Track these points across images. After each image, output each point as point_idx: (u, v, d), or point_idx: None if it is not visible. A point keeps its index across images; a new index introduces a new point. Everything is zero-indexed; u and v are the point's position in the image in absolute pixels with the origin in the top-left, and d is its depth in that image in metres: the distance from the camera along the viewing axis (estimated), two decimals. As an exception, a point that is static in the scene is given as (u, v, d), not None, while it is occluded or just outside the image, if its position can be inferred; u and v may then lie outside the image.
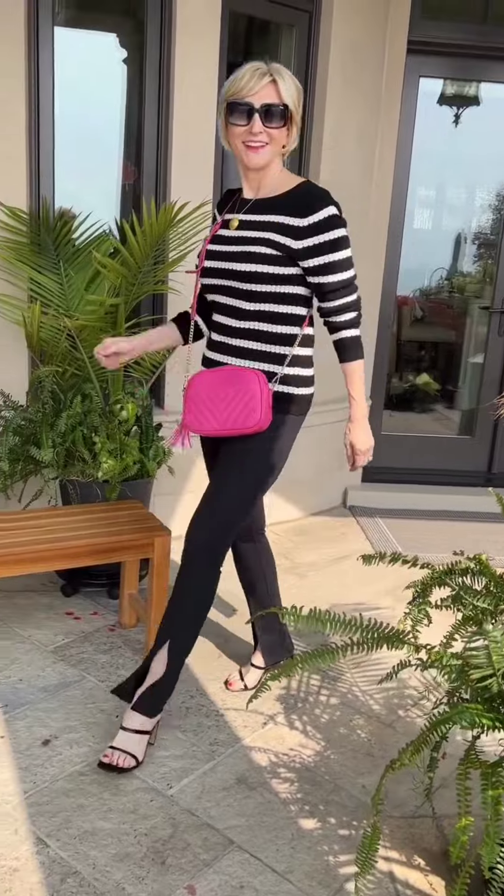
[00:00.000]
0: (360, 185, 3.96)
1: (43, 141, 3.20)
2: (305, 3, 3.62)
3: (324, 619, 1.63)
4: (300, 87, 2.03)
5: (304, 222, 2.01)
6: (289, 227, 2.02)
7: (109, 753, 2.08)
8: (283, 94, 1.96)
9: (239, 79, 1.96)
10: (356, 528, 4.04)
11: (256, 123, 1.96)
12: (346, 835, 1.94)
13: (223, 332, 2.14)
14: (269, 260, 2.02)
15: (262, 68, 1.96)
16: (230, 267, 2.05)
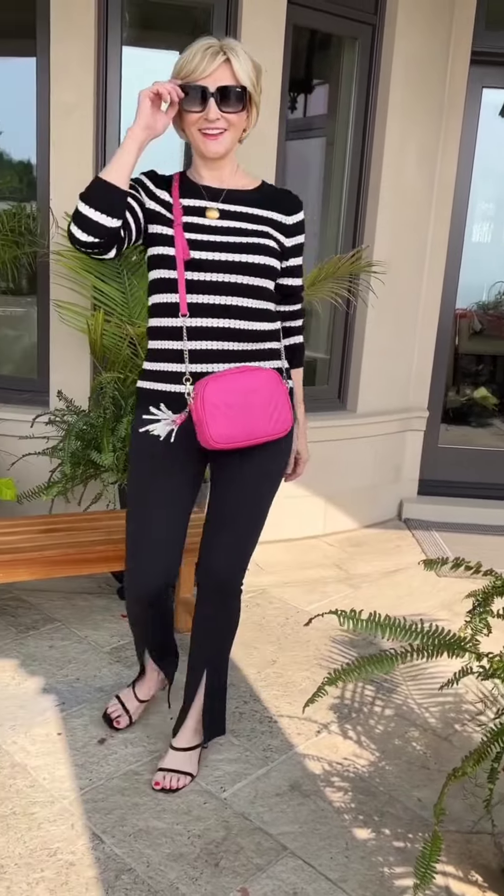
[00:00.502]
0: (420, 198, 3.95)
1: (109, 151, 3.29)
2: (369, 15, 3.64)
3: (383, 624, 1.62)
4: (258, 64, 1.81)
5: (290, 220, 1.92)
6: (280, 223, 1.91)
7: (160, 779, 2.03)
8: (239, 74, 1.74)
9: (189, 59, 1.73)
10: (411, 540, 3.99)
11: (212, 109, 1.74)
12: (401, 847, 1.91)
13: (206, 336, 1.85)
14: (273, 253, 1.88)
15: (215, 46, 1.73)
16: (232, 258, 1.82)
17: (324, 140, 3.95)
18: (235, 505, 1.95)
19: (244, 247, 1.84)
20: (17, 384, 3.53)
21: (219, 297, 1.83)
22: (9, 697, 2.40)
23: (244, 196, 1.90)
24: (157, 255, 1.85)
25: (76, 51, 3.11)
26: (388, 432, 4.10)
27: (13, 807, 1.95)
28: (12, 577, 2.38)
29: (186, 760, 2.08)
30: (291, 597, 3.25)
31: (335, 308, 3.88)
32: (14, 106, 3.40)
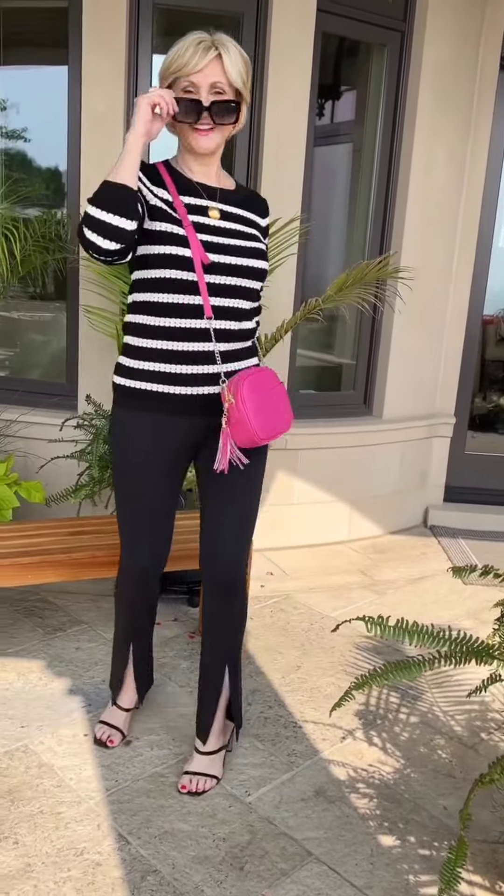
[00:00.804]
0: (448, 204, 3.94)
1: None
2: (398, 22, 3.65)
3: (411, 630, 1.61)
4: (247, 58, 1.80)
5: (264, 222, 1.98)
6: (259, 226, 1.96)
7: (187, 782, 2.05)
8: (229, 71, 1.74)
9: (181, 53, 1.72)
10: (437, 548, 3.97)
11: (205, 120, 1.77)
12: (426, 855, 1.90)
13: (228, 339, 1.88)
14: (264, 256, 1.93)
15: (207, 41, 1.73)
16: (247, 264, 1.85)
17: (351, 146, 3.95)
18: (237, 502, 1.97)
19: (247, 251, 1.87)
20: (47, 388, 3.57)
21: (230, 300, 1.85)
22: (36, 698, 2.42)
23: (232, 196, 1.92)
24: (165, 255, 1.78)
25: (108, 60, 3.15)
26: (415, 438, 4.09)
27: (41, 806, 1.97)
28: (40, 579, 2.40)
29: (213, 763, 2.09)
30: (316, 602, 3.25)
31: (361, 313, 3.88)
32: (45, 114, 3.45)
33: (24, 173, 3.51)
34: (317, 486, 3.79)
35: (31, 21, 3.49)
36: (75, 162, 3.31)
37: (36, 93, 3.49)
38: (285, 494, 3.73)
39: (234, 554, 1.99)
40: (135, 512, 2.00)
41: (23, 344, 3.76)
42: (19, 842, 1.84)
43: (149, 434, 1.90)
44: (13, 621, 2.91)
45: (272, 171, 3.40)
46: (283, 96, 3.34)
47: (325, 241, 3.95)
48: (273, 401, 1.86)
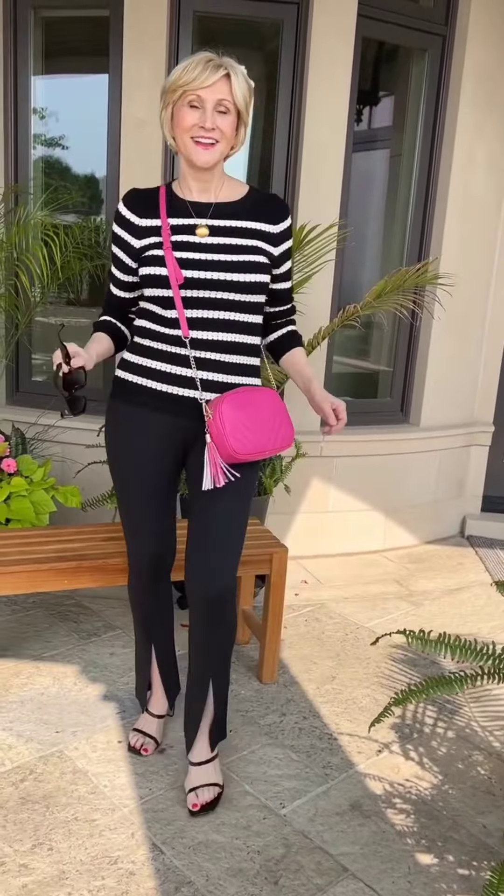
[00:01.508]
0: (489, 210, 3.89)
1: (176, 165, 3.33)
2: (439, 26, 3.61)
3: (453, 645, 1.58)
4: (252, 86, 1.86)
5: (277, 229, 1.92)
6: (267, 233, 1.91)
7: (194, 799, 1.99)
8: (235, 91, 1.79)
9: (191, 69, 1.77)
10: (474, 558, 3.91)
11: (209, 118, 1.78)
12: (465, 874, 1.86)
13: (201, 347, 1.89)
14: (265, 269, 1.89)
15: (216, 60, 1.78)
16: (226, 278, 1.85)
17: (388, 152, 3.92)
18: (224, 513, 1.95)
19: (234, 265, 1.85)
20: (84, 393, 3.58)
21: (213, 312, 1.87)
22: (71, 703, 2.43)
23: (231, 208, 1.91)
24: (148, 275, 1.87)
25: (148, 67, 3.17)
26: (452, 447, 4.03)
27: (75, 813, 1.96)
28: (76, 584, 2.41)
29: (211, 772, 2.04)
30: (351, 612, 3.22)
31: (399, 321, 3.84)
32: (84, 122, 3.48)
33: (63, 180, 3.55)
34: (352, 494, 3.76)
35: (72, 30, 3.53)
36: (114, 168, 3.34)
37: (75, 101, 3.52)
38: (320, 502, 3.70)
39: (218, 567, 1.94)
40: (129, 511, 2.05)
41: (60, 349, 3.78)
42: (54, 848, 1.84)
43: (139, 427, 1.98)
44: (49, 625, 2.92)
45: (310, 178, 3.39)
46: (323, 102, 3.33)
47: (363, 247, 3.92)
48: (261, 418, 1.87)
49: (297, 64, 3.33)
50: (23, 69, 3.37)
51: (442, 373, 3.94)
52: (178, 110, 1.81)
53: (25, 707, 2.39)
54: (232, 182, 1.96)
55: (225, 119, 1.81)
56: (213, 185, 1.91)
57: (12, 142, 3.41)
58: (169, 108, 1.84)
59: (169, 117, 1.85)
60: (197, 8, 3.23)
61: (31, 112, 3.44)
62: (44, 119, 3.50)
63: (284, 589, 2.57)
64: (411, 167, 3.80)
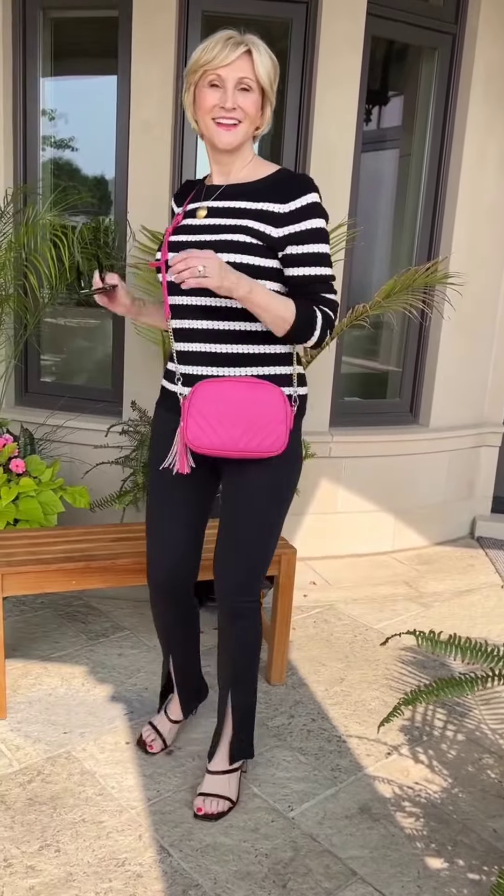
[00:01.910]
0: (501, 208, 3.86)
1: (185, 166, 3.33)
2: (449, 25, 3.59)
3: (463, 646, 1.56)
4: (276, 62, 1.78)
5: (285, 208, 1.73)
6: (269, 213, 1.74)
7: (201, 803, 1.97)
8: (258, 68, 1.72)
9: (210, 48, 1.70)
10: (484, 559, 3.88)
11: (230, 98, 1.70)
12: (475, 879, 1.84)
13: (192, 338, 1.80)
14: (248, 249, 1.72)
15: (237, 37, 1.71)
16: None
17: (398, 151, 3.90)
18: (235, 523, 1.88)
19: (211, 245, 1.72)
20: (92, 394, 3.59)
21: (196, 298, 1.77)
22: (79, 704, 2.42)
23: (240, 189, 1.80)
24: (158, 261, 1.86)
25: (157, 68, 3.16)
26: (462, 447, 4.01)
27: (83, 814, 1.96)
28: (84, 585, 2.40)
29: (224, 784, 2.01)
30: (360, 614, 3.20)
31: (408, 320, 3.82)
32: (93, 123, 3.48)
33: (72, 181, 3.55)
34: (361, 495, 3.74)
35: (81, 32, 3.53)
36: (123, 168, 3.33)
37: (84, 103, 3.52)
38: (329, 503, 3.68)
39: (233, 581, 1.90)
40: (149, 517, 2.00)
41: (70, 350, 3.79)
42: (61, 850, 1.83)
43: (154, 428, 1.98)
44: (57, 626, 2.92)
45: (319, 178, 3.32)
46: (332, 101, 3.31)
47: (372, 247, 3.90)
48: (237, 416, 1.74)
49: (306, 63, 3.31)
50: (32, 71, 3.38)
51: (451, 373, 3.91)
52: (199, 91, 1.75)
53: (33, 708, 2.39)
54: (259, 164, 1.84)
55: (247, 97, 1.73)
56: (234, 167, 1.82)
57: (21, 143, 3.41)
58: (191, 91, 1.77)
59: (191, 100, 1.78)
60: (206, 8, 3.23)
61: (40, 113, 3.44)
62: (53, 120, 3.50)
63: (293, 590, 2.56)
64: (421, 167, 3.78)
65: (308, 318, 1.72)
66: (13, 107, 3.38)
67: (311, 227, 1.75)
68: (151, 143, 3.23)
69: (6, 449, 2.99)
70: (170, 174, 3.27)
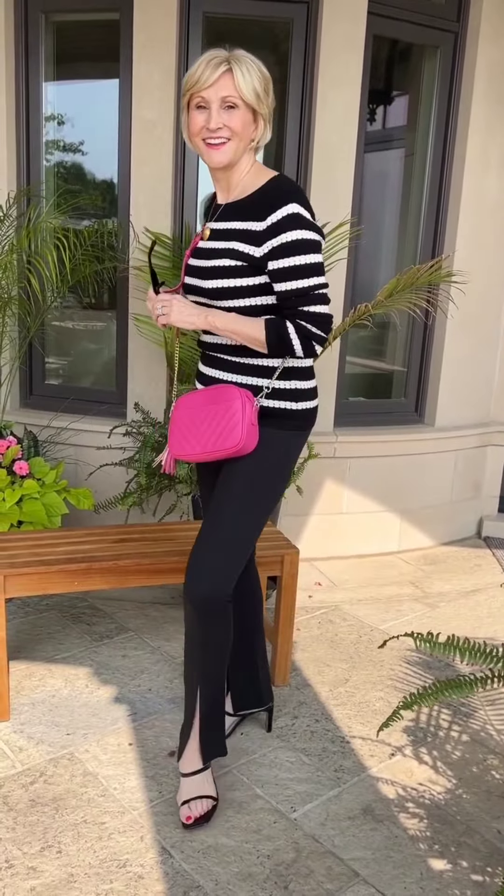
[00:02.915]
0: (502, 208, 3.84)
1: (188, 165, 3.33)
2: (451, 23, 3.58)
3: (462, 647, 1.55)
4: (266, 74, 1.78)
5: (262, 225, 1.75)
6: (250, 232, 1.77)
7: (188, 811, 1.92)
8: (240, 85, 1.73)
9: (194, 71, 1.75)
10: (491, 559, 3.86)
11: (213, 118, 1.74)
12: (479, 881, 1.83)
13: (209, 348, 1.96)
14: (231, 273, 1.78)
15: (220, 57, 1.73)
16: (199, 284, 1.86)
17: (402, 151, 3.89)
18: (208, 516, 1.93)
19: (203, 271, 1.85)
20: (96, 396, 3.60)
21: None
22: (82, 705, 2.42)
23: (236, 207, 1.84)
24: None
25: (158, 69, 3.17)
26: (468, 447, 3.99)
27: (84, 815, 1.95)
28: (87, 586, 2.40)
29: (202, 784, 1.97)
30: (365, 614, 3.19)
31: (413, 320, 3.81)
32: (95, 127, 3.49)
33: (76, 184, 3.56)
34: (367, 496, 3.73)
35: (83, 35, 3.54)
36: (125, 170, 3.34)
37: (87, 106, 3.53)
38: (334, 503, 3.67)
39: (203, 568, 1.87)
40: None
41: (74, 353, 3.80)
42: (63, 851, 1.83)
43: None
44: (61, 627, 2.92)
45: (322, 178, 3.37)
46: (334, 101, 3.31)
47: (376, 246, 3.89)
48: (203, 419, 1.85)
49: (308, 63, 3.31)
50: (34, 74, 3.39)
51: (456, 372, 3.90)
52: (189, 114, 1.80)
53: (37, 709, 2.39)
54: (257, 174, 1.84)
55: (233, 115, 1.75)
56: (231, 182, 1.86)
57: (24, 146, 3.42)
58: (185, 113, 1.82)
59: (186, 122, 1.83)
60: (206, 9, 3.23)
61: (43, 117, 3.45)
62: (58, 124, 3.51)
63: (296, 591, 2.55)
64: (424, 166, 3.76)
65: (278, 334, 1.77)
66: (16, 110, 3.39)
67: (287, 240, 1.73)
68: (153, 144, 3.23)
69: (10, 451, 2.99)
70: (172, 175, 3.27)
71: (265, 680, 2.26)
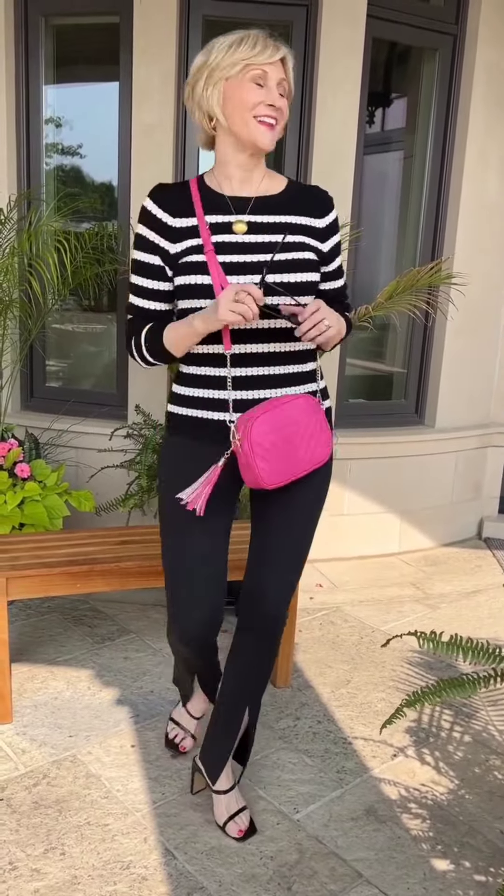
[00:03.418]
0: (502, 210, 3.85)
1: (188, 167, 3.34)
2: (450, 25, 3.59)
3: (465, 646, 1.56)
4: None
5: (323, 223, 1.73)
6: (311, 228, 1.72)
7: (237, 826, 1.91)
8: (290, 78, 1.66)
9: (252, 44, 1.59)
10: (492, 560, 3.87)
11: (276, 95, 1.61)
12: (482, 881, 1.83)
13: (242, 363, 1.68)
14: (313, 266, 1.69)
15: (270, 40, 1.63)
16: (274, 279, 1.63)
17: (401, 153, 3.90)
18: (285, 537, 1.80)
19: (290, 264, 1.65)
20: (97, 398, 3.60)
21: (260, 322, 1.64)
22: (85, 707, 2.42)
23: (273, 202, 1.71)
24: (187, 285, 1.64)
25: (158, 72, 3.18)
26: (468, 448, 4.00)
27: (87, 817, 1.96)
28: (89, 588, 2.41)
29: (238, 797, 1.96)
30: (366, 616, 3.19)
31: (413, 321, 3.82)
32: (95, 130, 3.50)
33: (76, 187, 3.56)
34: (367, 497, 3.73)
35: (83, 38, 3.55)
36: (125, 173, 3.35)
37: (87, 109, 3.54)
38: (335, 505, 3.68)
39: (277, 594, 1.80)
40: (174, 561, 1.81)
41: (76, 355, 3.81)
42: (66, 853, 1.84)
43: (188, 464, 1.75)
44: (63, 629, 2.92)
45: (321, 181, 3.37)
46: (333, 104, 3.32)
47: (376, 248, 3.90)
48: (290, 439, 1.62)
49: (308, 66, 3.32)
50: (34, 77, 3.40)
51: (456, 373, 3.90)
52: (236, 86, 1.60)
53: (39, 711, 2.39)
54: (272, 174, 1.77)
55: (283, 102, 1.65)
56: (256, 173, 1.71)
57: (24, 150, 3.43)
58: (219, 85, 1.61)
59: (218, 95, 1.62)
60: (206, 12, 3.24)
61: (43, 120, 3.46)
62: (57, 127, 3.52)
63: (299, 592, 2.55)
64: (423, 168, 3.77)
65: (349, 327, 1.85)
66: (16, 113, 3.40)
67: (338, 240, 1.81)
68: (153, 146, 3.24)
69: (11, 454, 3.00)
70: (172, 176, 3.28)
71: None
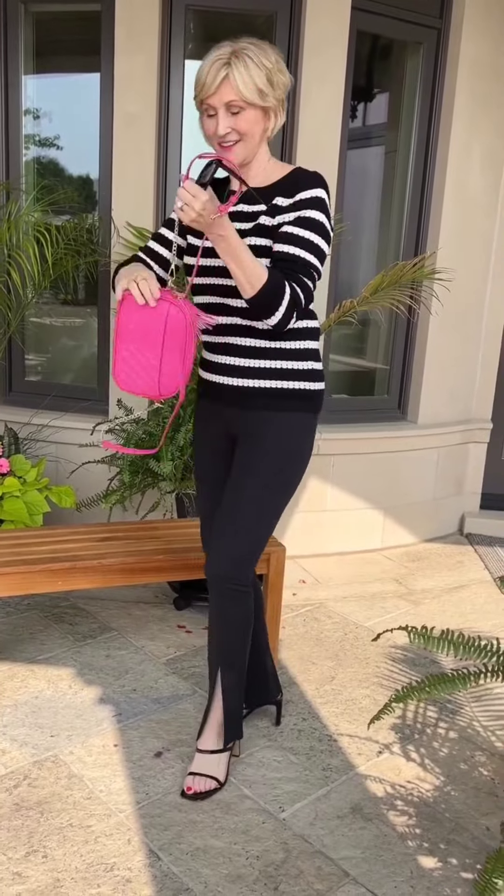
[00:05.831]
0: (486, 205, 3.85)
1: (170, 158, 3.30)
2: (434, 19, 3.58)
3: (455, 641, 1.54)
4: (270, 63, 1.75)
5: (288, 201, 1.81)
6: (275, 206, 1.82)
7: (191, 782, 2.01)
8: (240, 89, 1.72)
9: (201, 75, 1.76)
10: (473, 556, 3.87)
11: (220, 124, 1.76)
12: (468, 878, 1.82)
13: (221, 331, 1.90)
14: (263, 252, 1.79)
15: (222, 58, 1.72)
16: (217, 264, 1.83)
17: (383, 148, 3.89)
18: (227, 498, 1.94)
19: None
20: (78, 393, 3.55)
21: (218, 298, 1.87)
22: (66, 707, 2.38)
23: (260, 192, 1.86)
24: (185, 265, 1.99)
25: (140, 62, 3.13)
26: (450, 444, 4.00)
27: (70, 819, 1.92)
28: (70, 585, 2.37)
29: (214, 764, 2.04)
30: (350, 612, 3.18)
31: (396, 317, 3.80)
32: (76, 121, 3.44)
33: (56, 180, 3.51)
34: (350, 493, 3.72)
35: (64, 27, 3.49)
36: (107, 164, 3.30)
37: (67, 100, 3.48)
38: (318, 501, 3.66)
39: (224, 549, 1.90)
40: (204, 508, 2.10)
41: (55, 349, 3.75)
42: (48, 855, 1.80)
43: (200, 420, 2.09)
44: (43, 628, 2.88)
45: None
46: (317, 96, 3.29)
47: (359, 243, 3.89)
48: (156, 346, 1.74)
49: (291, 58, 3.29)
50: (13, 67, 3.33)
51: (439, 369, 3.90)
52: (201, 118, 1.83)
53: (19, 711, 2.35)
54: (276, 167, 1.89)
55: (239, 118, 1.76)
56: (250, 175, 1.88)
57: (3, 141, 3.37)
58: (202, 116, 1.84)
59: (201, 123, 1.86)
60: (189, 2, 3.20)
61: (22, 111, 3.40)
62: (37, 119, 3.46)
63: (282, 588, 2.54)
64: (407, 163, 3.76)
65: (277, 288, 1.70)
66: (-5, 102, 3.33)
67: (308, 215, 1.78)
68: (135, 137, 3.19)
69: (-10, 449, 2.94)
70: (154, 169, 3.24)
71: (272, 673, 2.31)
